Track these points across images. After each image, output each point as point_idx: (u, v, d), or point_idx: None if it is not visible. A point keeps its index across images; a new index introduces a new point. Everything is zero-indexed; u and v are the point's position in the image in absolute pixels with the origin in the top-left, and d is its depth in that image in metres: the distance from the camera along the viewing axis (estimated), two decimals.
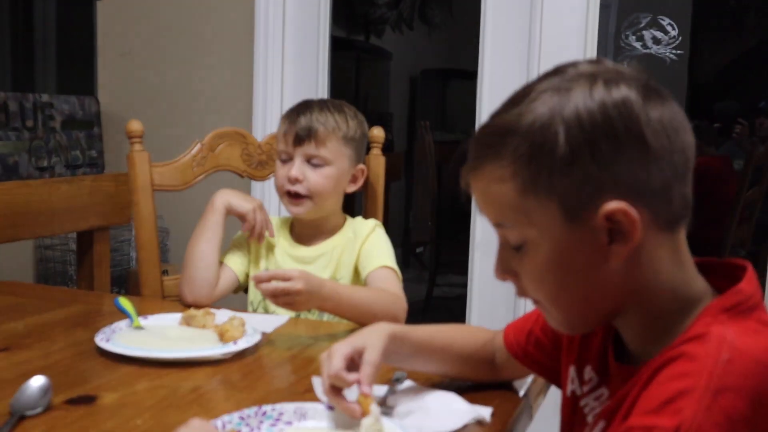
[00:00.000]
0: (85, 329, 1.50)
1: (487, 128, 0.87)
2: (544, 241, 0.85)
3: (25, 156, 2.30)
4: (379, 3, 5.06)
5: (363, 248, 1.72)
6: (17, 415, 1.07)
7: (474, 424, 1.08)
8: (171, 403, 1.16)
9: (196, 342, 1.40)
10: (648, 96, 0.82)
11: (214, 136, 1.97)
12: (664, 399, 0.73)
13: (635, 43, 6.80)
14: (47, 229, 2.42)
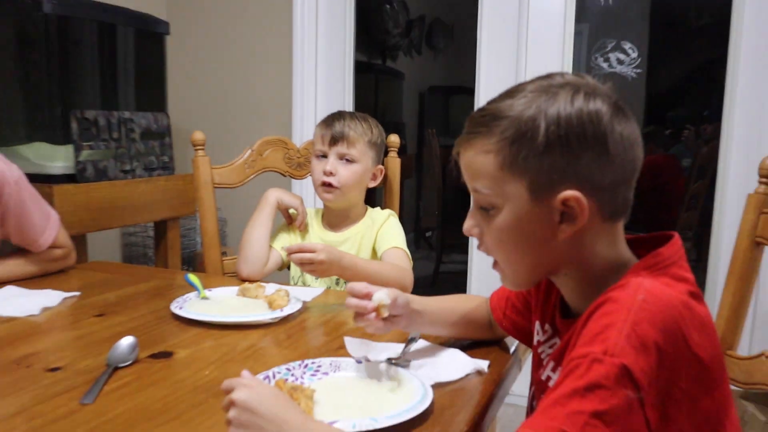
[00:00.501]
0: (162, 299, 1.52)
1: (483, 110, 0.89)
2: (509, 209, 0.87)
3: (112, 161, 2.31)
4: (393, 33, 5.03)
5: (379, 232, 1.73)
6: (112, 366, 1.09)
7: (475, 374, 1.10)
8: (231, 357, 1.17)
9: (251, 309, 1.41)
10: (616, 112, 0.83)
11: (262, 143, 1.97)
12: (595, 332, 0.75)
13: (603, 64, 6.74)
14: (130, 219, 2.43)
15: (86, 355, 1.16)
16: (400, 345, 1.18)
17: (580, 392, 0.71)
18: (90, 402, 0.97)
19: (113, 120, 2.33)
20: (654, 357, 0.72)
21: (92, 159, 2.25)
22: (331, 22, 3.08)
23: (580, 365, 0.73)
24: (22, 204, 1.59)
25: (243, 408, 0.80)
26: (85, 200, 2.21)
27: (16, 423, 0.92)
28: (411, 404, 0.93)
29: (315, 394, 0.94)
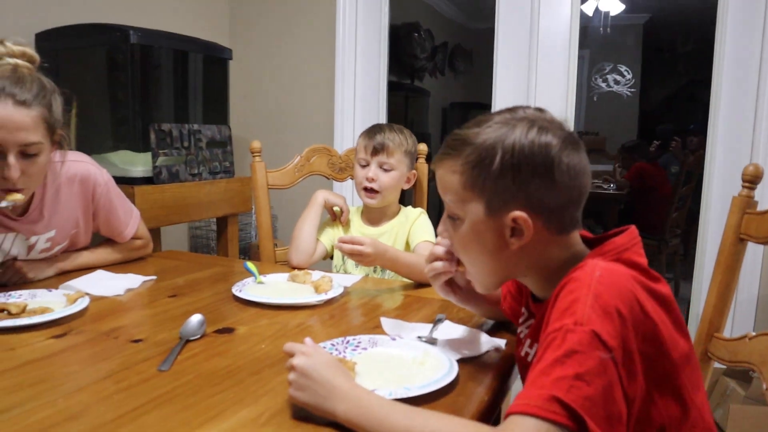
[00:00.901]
0: (224, 283, 1.53)
1: (455, 135, 0.90)
2: (469, 221, 0.89)
3: (183, 166, 2.33)
4: (420, 57, 5.02)
5: (412, 227, 1.72)
6: (184, 339, 1.10)
7: (493, 351, 1.09)
8: (283, 334, 1.17)
9: (300, 293, 1.41)
10: (565, 146, 0.84)
11: (309, 150, 1.97)
12: (564, 308, 0.76)
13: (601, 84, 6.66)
14: (197, 215, 2.45)
15: (162, 329, 1.17)
16: (427, 325, 1.18)
17: (560, 360, 0.71)
18: (166, 369, 0.98)
19: (184, 131, 2.35)
20: (617, 321, 0.73)
21: (167, 164, 2.27)
22: (367, 48, 3.08)
23: (556, 338, 0.73)
24: (110, 202, 1.61)
25: (300, 372, 0.82)
26: (160, 199, 2.23)
27: (106, 385, 0.93)
28: (439, 376, 0.93)
29: (356, 366, 0.94)
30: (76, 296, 1.30)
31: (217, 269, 1.71)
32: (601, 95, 6.62)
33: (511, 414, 0.71)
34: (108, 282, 1.47)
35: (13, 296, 1.32)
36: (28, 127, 1.26)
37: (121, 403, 0.87)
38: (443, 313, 1.25)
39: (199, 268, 1.69)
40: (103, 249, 1.67)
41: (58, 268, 1.56)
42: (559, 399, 0.68)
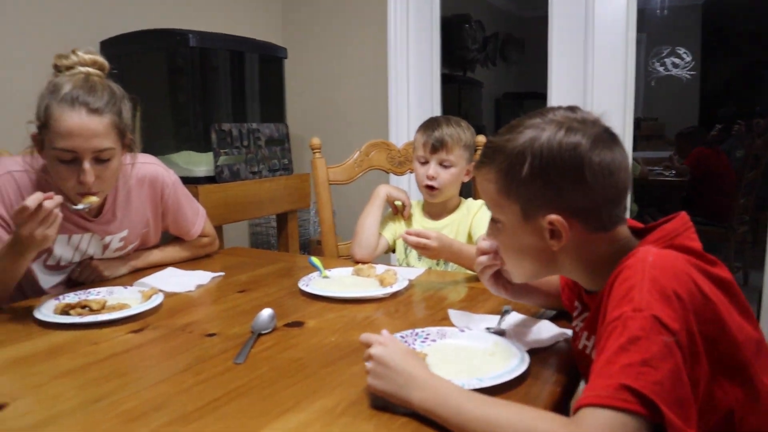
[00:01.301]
0: (289, 278, 1.55)
1: (489, 143, 0.92)
2: (509, 226, 0.91)
3: (243, 165, 2.38)
4: (471, 48, 4.99)
5: (474, 220, 1.71)
6: (256, 333, 1.13)
7: (563, 341, 1.08)
8: (351, 327, 1.19)
9: (365, 286, 1.42)
10: (596, 144, 0.83)
11: (368, 145, 1.99)
12: (621, 296, 0.75)
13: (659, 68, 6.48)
14: (258, 212, 2.50)
15: (234, 323, 1.20)
16: (495, 317, 1.18)
17: (624, 348, 0.71)
18: (241, 362, 1.01)
19: (243, 130, 2.40)
20: (676, 303, 0.73)
21: (228, 163, 2.33)
22: (419, 42, 3.07)
23: (617, 326, 0.73)
24: (178, 202, 1.67)
25: (378, 362, 0.84)
26: (223, 197, 2.29)
27: (185, 377, 0.96)
28: (511, 367, 0.93)
29: (427, 358, 0.95)
30: (150, 293, 1.35)
31: (281, 265, 1.74)
32: (659, 79, 6.43)
33: (582, 406, 0.70)
34: (179, 279, 1.52)
35: (92, 293, 1.38)
36: (101, 133, 1.32)
37: (201, 394, 0.90)
38: (509, 304, 1.24)
39: (264, 264, 1.73)
40: (172, 247, 1.73)
41: (131, 266, 1.62)
42: (629, 386, 0.68)
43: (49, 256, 1.48)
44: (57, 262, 1.51)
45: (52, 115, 1.29)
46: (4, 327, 1.22)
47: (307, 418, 0.82)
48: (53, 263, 1.50)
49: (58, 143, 1.29)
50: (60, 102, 1.29)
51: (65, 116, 1.28)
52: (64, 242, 1.49)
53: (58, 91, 1.30)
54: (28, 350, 1.10)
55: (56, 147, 1.30)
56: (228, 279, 1.56)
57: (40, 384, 0.96)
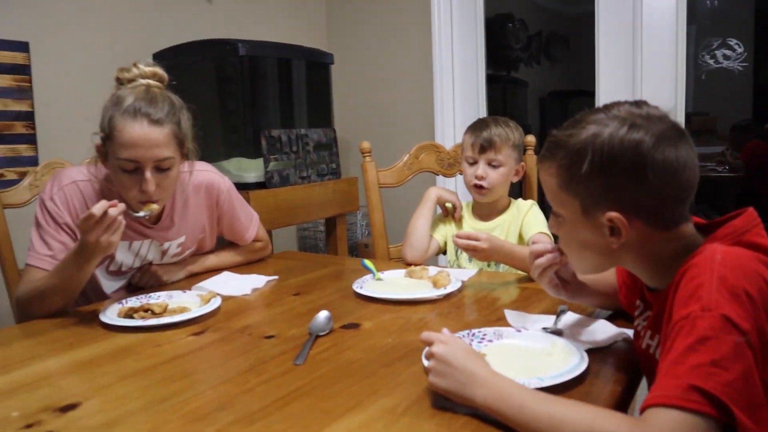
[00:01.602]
0: (342, 281, 1.58)
1: (551, 137, 0.91)
2: (569, 220, 0.90)
3: (292, 170, 2.41)
4: (515, 47, 4.95)
5: (525, 220, 1.70)
6: (314, 335, 1.14)
7: (622, 341, 1.06)
8: (407, 328, 1.20)
9: (419, 288, 1.43)
10: (660, 142, 0.81)
11: (417, 148, 2.00)
12: (688, 295, 0.74)
13: (709, 61, 6.29)
14: (307, 217, 2.54)
15: (291, 325, 1.23)
16: (551, 316, 1.17)
17: (692, 348, 0.69)
18: (301, 363, 1.03)
19: (292, 136, 2.43)
20: (747, 303, 0.71)
21: (277, 169, 2.37)
22: (464, 43, 3.07)
23: (684, 326, 0.72)
24: (233, 208, 1.70)
25: (440, 360, 0.84)
26: (273, 202, 2.33)
27: (248, 377, 0.98)
28: (570, 366, 0.92)
29: (485, 358, 0.94)
30: (209, 296, 1.38)
31: (333, 268, 1.76)
32: (709, 73, 6.25)
33: (650, 407, 0.69)
34: (235, 282, 1.56)
35: (152, 297, 1.42)
36: (162, 144, 1.36)
37: (264, 394, 0.92)
38: (564, 304, 1.23)
39: (316, 267, 1.75)
40: (226, 252, 1.77)
41: (188, 271, 1.67)
42: (699, 387, 0.67)
43: (111, 262, 1.54)
44: (119, 268, 1.56)
45: (115, 126, 1.34)
46: (72, 330, 1.27)
47: (369, 417, 0.83)
48: (115, 269, 1.56)
49: (122, 154, 1.34)
50: (123, 114, 1.33)
51: (128, 128, 1.33)
52: (125, 248, 1.54)
53: (121, 103, 1.35)
54: (95, 352, 1.14)
55: (120, 157, 1.35)
56: (282, 282, 1.59)
57: (108, 384, 0.99)
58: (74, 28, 2.34)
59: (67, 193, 1.44)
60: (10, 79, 2.18)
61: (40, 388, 0.99)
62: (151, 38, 2.50)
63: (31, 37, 2.22)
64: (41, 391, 0.98)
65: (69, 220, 1.44)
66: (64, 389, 0.98)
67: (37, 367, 1.08)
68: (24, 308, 1.39)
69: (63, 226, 1.43)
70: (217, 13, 2.80)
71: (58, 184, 1.45)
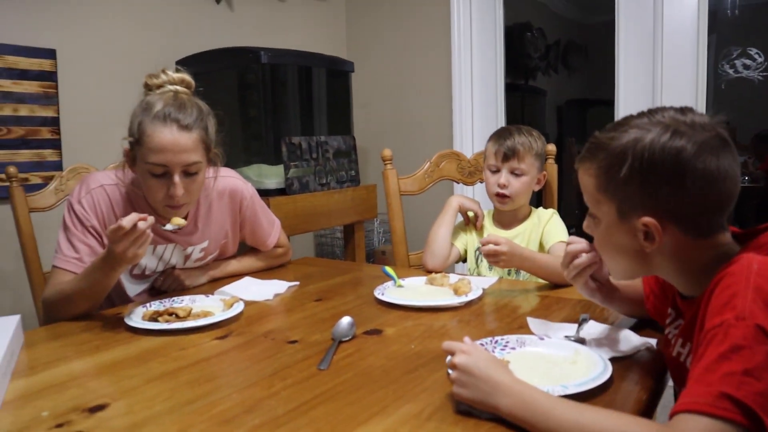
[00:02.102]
0: (363, 287, 1.59)
1: (593, 138, 0.91)
2: (605, 223, 0.91)
3: (312, 176, 2.43)
4: (533, 56, 4.95)
5: (545, 229, 1.70)
6: (337, 340, 1.15)
7: (645, 350, 1.06)
8: (430, 335, 1.20)
9: (439, 295, 1.43)
10: (702, 150, 0.81)
11: (438, 156, 2.01)
12: (722, 303, 0.74)
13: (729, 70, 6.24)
14: (326, 223, 2.55)
15: (314, 331, 1.24)
16: (573, 325, 1.17)
17: (725, 356, 0.69)
18: (325, 368, 1.04)
19: (312, 143, 2.45)
20: None
21: (297, 176, 2.39)
22: (483, 51, 3.08)
23: (717, 334, 0.72)
24: (255, 214, 1.72)
25: (463, 370, 0.84)
26: (293, 209, 2.35)
27: (274, 381, 0.99)
28: (594, 374, 0.92)
29: (509, 365, 0.95)
30: (232, 301, 1.40)
31: (354, 274, 1.78)
32: (729, 82, 6.21)
33: (679, 412, 0.69)
34: (257, 287, 1.57)
35: (176, 301, 1.44)
36: (190, 149, 1.38)
37: (290, 398, 0.93)
38: (586, 312, 1.23)
39: (337, 273, 1.76)
40: (248, 258, 1.79)
41: (210, 276, 1.69)
42: (730, 395, 0.67)
43: (135, 266, 1.56)
44: (142, 271, 1.58)
45: (145, 131, 1.36)
46: (98, 333, 1.29)
47: (394, 422, 0.84)
48: (139, 272, 1.58)
49: (151, 158, 1.37)
50: (153, 119, 1.36)
51: (158, 132, 1.36)
52: (150, 252, 1.56)
53: (151, 109, 1.37)
54: (121, 355, 1.16)
55: (149, 161, 1.37)
56: (303, 288, 1.60)
57: (135, 386, 1.01)
58: (99, 35, 2.38)
59: (94, 197, 1.47)
60: (37, 85, 2.22)
61: (69, 388, 1.01)
62: (175, 45, 2.53)
63: (57, 44, 2.26)
64: (70, 391, 0.99)
65: (96, 224, 1.46)
66: (93, 390, 1.00)
67: (64, 368, 1.10)
68: (50, 310, 1.41)
69: (90, 229, 1.46)
70: (239, 21, 2.83)
71: (86, 188, 1.48)
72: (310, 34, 3.20)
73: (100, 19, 2.38)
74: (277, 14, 3.04)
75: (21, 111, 2.19)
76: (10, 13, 2.15)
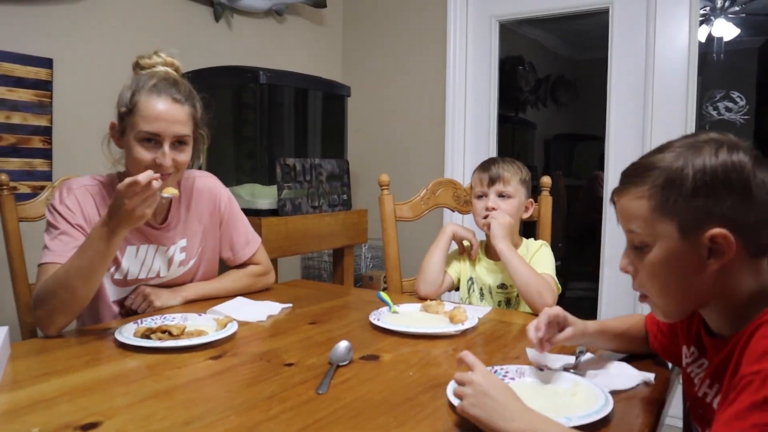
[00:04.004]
0: (357, 311, 1.58)
1: (635, 164, 0.90)
2: (660, 246, 0.87)
3: (305, 199, 2.43)
4: (524, 90, 5.03)
5: (533, 259, 1.71)
6: (335, 364, 1.14)
7: (643, 384, 1.07)
8: (428, 362, 1.20)
9: (435, 322, 1.43)
10: (758, 163, 0.83)
11: (435, 183, 2.02)
12: (762, 351, 0.73)
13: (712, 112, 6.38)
14: (317, 246, 2.54)
15: (311, 354, 1.23)
16: (570, 357, 1.17)
17: (758, 406, 0.69)
18: (324, 392, 1.03)
19: (306, 165, 2.45)
20: None
21: (290, 197, 2.38)
22: (477, 83, 3.12)
23: (753, 381, 0.70)
24: (233, 215, 1.74)
25: (478, 389, 0.86)
26: (284, 230, 2.34)
27: (272, 404, 0.98)
28: (596, 407, 0.92)
29: None
30: (225, 321, 1.38)
31: (346, 298, 1.77)
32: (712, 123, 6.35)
33: None
34: (249, 308, 1.56)
35: (168, 319, 1.42)
36: (182, 121, 1.47)
37: (290, 422, 0.92)
38: (583, 344, 1.24)
39: (329, 297, 1.76)
40: (224, 278, 1.74)
41: (183, 297, 1.62)
42: None
43: (117, 269, 1.53)
44: (124, 276, 1.55)
45: (139, 101, 1.43)
46: (87, 348, 1.27)
47: None
48: (120, 277, 1.54)
49: (144, 126, 1.43)
50: (148, 91, 1.44)
51: (152, 102, 1.43)
52: (132, 255, 1.54)
53: (145, 82, 1.45)
54: (113, 371, 1.14)
55: (141, 130, 1.43)
56: (297, 310, 1.59)
57: (129, 404, 0.99)
58: (98, 47, 2.38)
59: (78, 196, 1.48)
60: (32, 93, 2.21)
61: (59, 404, 0.98)
62: None
63: (55, 53, 2.25)
64: (60, 407, 0.97)
65: (82, 222, 1.46)
66: (84, 407, 0.97)
67: (53, 383, 1.07)
68: (43, 304, 1.33)
69: (76, 227, 1.45)
70: (237, 40, 2.84)
71: (68, 189, 1.49)
72: (306, 57, 3.22)
73: (99, 31, 2.38)
74: (275, 35, 3.07)
75: (14, 119, 2.17)
76: (9, 20, 2.14)
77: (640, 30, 2.66)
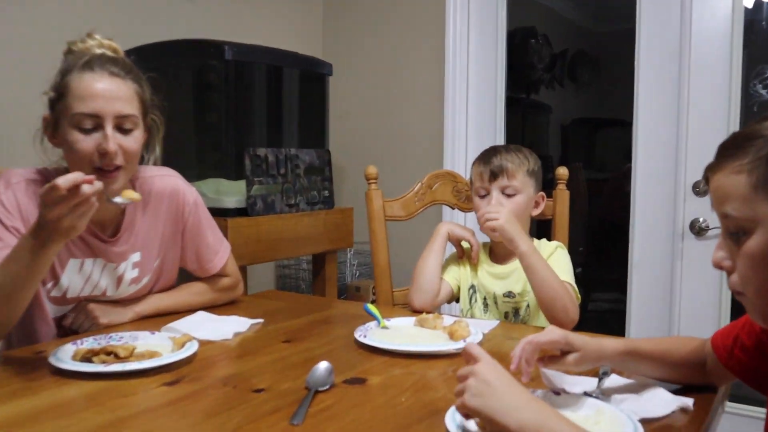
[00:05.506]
0: (340, 327, 1.58)
1: (732, 137, 0.88)
2: (762, 231, 0.83)
3: (278, 195, 2.42)
4: (537, 67, 5.02)
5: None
6: (313, 390, 1.13)
7: (679, 411, 1.06)
8: (423, 385, 1.19)
9: (432, 339, 1.43)
10: None
11: (431, 176, 2.01)
12: None
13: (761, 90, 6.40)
14: (294, 252, 2.53)
15: (284, 378, 1.21)
16: (593, 379, 1.16)
17: None
18: (299, 423, 1.01)
19: (281, 157, 2.44)
20: None
21: (261, 194, 2.37)
22: (482, 59, 3.12)
23: None
24: (199, 222, 1.70)
25: (482, 379, 0.88)
26: (255, 233, 2.33)
27: None
28: None
29: None
30: (183, 339, 1.37)
31: (327, 312, 1.77)
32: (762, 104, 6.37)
33: None
34: (214, 325, 1.54)
35: (113, 338, 1.40)
36: (124, 97, 1.43)
37: None
38: (607, 365, 1.23)
39: (308, 311, 1.75)
40: (186, 290, 1.73)
41: (135, 312, 1.62)
42: None
43: (55, 285, 1.51)
44: (63, 294, 1.53)
45: (71, 81, 1.40)
46: (16, 375, 1.24)
47: None
48: (59, 294, 1.52)
49: (79, 108, 1.39)
50: (81, 67, 1.41)
51: (86, 78, 1.40)
52: (75, 269, 1.52)
53: (77, 61, 1.42)
54: (47, 401, 1.12)
55: (76, 112, 1.39)
56: (269, 327, 1.58)
57: None
58: (36, 18, 2.35)
59: (16, 193, 1.45)
60: None
61: None
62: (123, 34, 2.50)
63: None
64: None
65: (19, 224, 1.43)
66: None
67: None
68: None
69: (11, 229, 1.42)
70: (200, 10, 2.83)
71: (6, 183, 1.46)
72: (280, 29, 3.21)
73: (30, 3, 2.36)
74: (243, 3, 3.05)
75: None
76: None
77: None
